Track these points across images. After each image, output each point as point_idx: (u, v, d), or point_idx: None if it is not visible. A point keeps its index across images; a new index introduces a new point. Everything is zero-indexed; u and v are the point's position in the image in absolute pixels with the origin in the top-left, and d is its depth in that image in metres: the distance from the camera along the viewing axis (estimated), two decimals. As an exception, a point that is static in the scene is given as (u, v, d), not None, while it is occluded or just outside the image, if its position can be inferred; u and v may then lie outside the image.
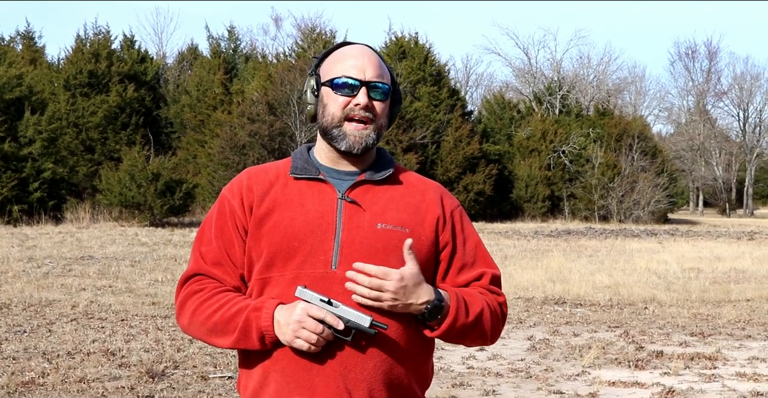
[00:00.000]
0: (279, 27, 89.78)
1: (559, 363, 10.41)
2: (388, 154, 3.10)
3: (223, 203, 3.01)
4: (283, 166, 3.05)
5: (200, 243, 3.01)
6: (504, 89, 69.76)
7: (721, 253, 26.83)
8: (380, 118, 2.95)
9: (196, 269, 2.97)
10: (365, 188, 2.96)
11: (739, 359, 10.85)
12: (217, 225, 2.98)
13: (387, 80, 2.96)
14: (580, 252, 27.13)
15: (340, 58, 2.97)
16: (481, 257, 3.07)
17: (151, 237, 29.15)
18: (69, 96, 44.77)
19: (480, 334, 2.96)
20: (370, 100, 2.91)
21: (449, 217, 3.03)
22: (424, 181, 3.10)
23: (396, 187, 3.01)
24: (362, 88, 2.90)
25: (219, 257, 2.96)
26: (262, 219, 2.92)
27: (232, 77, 51.93)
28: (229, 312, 2.83)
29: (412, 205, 2.99)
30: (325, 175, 2.97)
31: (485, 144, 51.60)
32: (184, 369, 9.63)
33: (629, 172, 52.23)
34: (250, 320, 2.79)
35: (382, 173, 2.99)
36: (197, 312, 2.89)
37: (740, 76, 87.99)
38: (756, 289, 17.64)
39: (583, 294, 16.67)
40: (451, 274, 3.01)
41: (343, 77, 2.92)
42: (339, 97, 2.92)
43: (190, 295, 2.93)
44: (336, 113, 2.92)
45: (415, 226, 2.94)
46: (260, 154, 40.22)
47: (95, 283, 16.78)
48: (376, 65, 2.94)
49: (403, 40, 51.92)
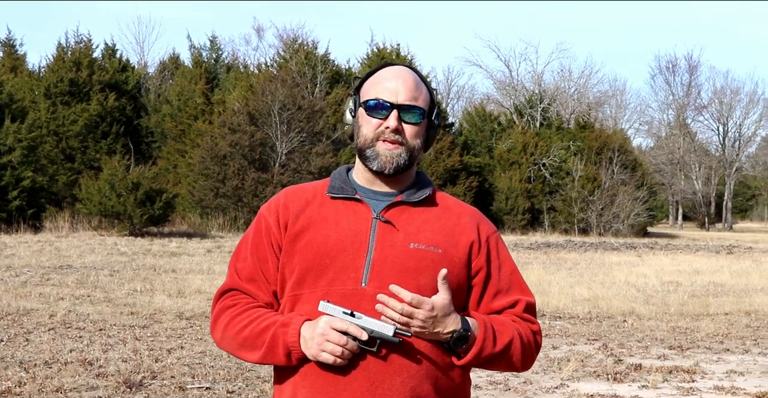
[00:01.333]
0: (261, 37, 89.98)
1: (538, 375, 10.42)
2: (427, 176, 3.12)
3: (260, 220, 3.06)
4: (321, 185, 3.08)
5: (236, 260, 3.06)
6: (485, 101, 69.79)
7: (699, 267, 26.92)
8: (412, 141, 2.96)
9: (230, 284, 3.03)
10: (401, 209, 2.98)
11: (717, 372, 10.88)
12: (253, 243, 3.03)
13: (422, 103, 2.98)
14: (560, 265, 27.17)
15: (377, 80, 3.00)
16: (517, 284, 3.07)
17: (131, 246, 29.03)
18: (49, 104, 44.56)
19: (508, 363, 2.96)
20: (399, 123, 2.93)
21: (485, 243, 3.04)
22: (460, 205, 3.12)
23: (432, 208, 3.03)
24: (393, 111, 2.93)
25: (253, 273, 3.00)
26: (297, 236, 2.96)
27: (214, 87, 51.81)
28: (258, 327, 2.86)
29: (447, 227, 3.00)
30: (362, 195, 3.00)
31: (466, 156, 51.63)
32: (162, 379, 9.59)
33: (609, 185, 52.35)
34: (278, 336, 2.82)
35: (418, 195, 3.01)
36: (229, 326, 2.93)
37: (720, 90, 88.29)
38: (734, 303, 17.70)
39: (563, 307, 16.69)
40: (485, 300, 3.01)
41: (375, 100, 2.95)
42: (372, 119, 2.96)
43: (223, 310, 2.98)
44: (368, 135, 2.96)
45: (448, 247, 2.95)
46: (241, 165, 40.16)
47: (73, 292, 16.70)
48: (411, 88, 2.96)
49: (385, 51, 51.95)
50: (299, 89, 43.96)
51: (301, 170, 39.83)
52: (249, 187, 39.68)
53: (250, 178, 39.79)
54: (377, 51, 52.22)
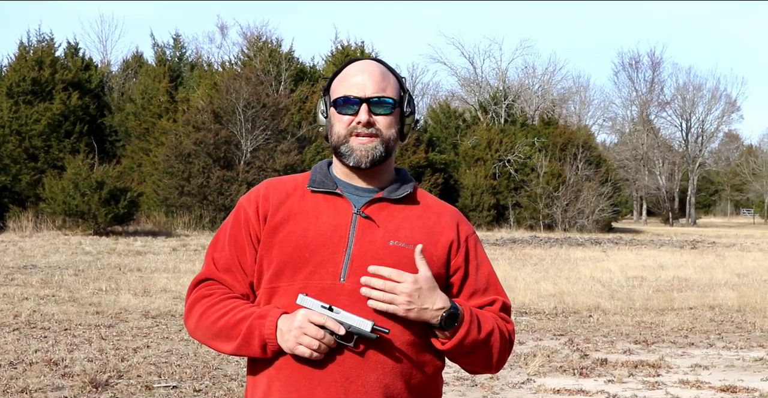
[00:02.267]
0: (225, 35, 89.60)
1: (504, 371, 10.44)
2: (409, 174, 3.12)
3: (239, 211, 3.04)
4: (302, 179, 3.07)
5: (214, 249, 3.04)
6: (450, 98, 69.86)
7: (664, 262, 27.11)
8: (387, 132, 2.96)
9: (207, 274, 3.01)
10: (382, 205, 2.98)
11: (682, 366, 10.96)
12: (231, 233, 3.02)
13: (391, 93, 2.97)
14: (525, 261, 27.27)
15: (344, 77, 3.00)
16: (493, 285, 3.07)
17: (95, 246, 28.89)
18: (12, 103, 44.19)
19: (487, 356, 2.95)
20: (371, 116, 2.93)
21: (464, 242, 3.04)
22: (441, 205, 3.12)
23: (413, 207, 3.03)
24: (363, 105, 2.93)
25: (230, 264, 2.99)
26: (276, 228, 2.95)
27: (178, 85, 51.57)
28: (234, 318, 2.85)
29: (427, 226, 3.00)
30: (343, 190, 2.99)
31: (431, 153, 51.75)
32: (128, 378, 9.55)
33: (574, 181, 52.60)
34: (254, 327, 2.80)
35: (399, 192, 3.01)
36: (204, 316, 2.91)
37: (683, 86, 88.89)
38: (698, 298, 17.83)
39: (529, 303, 16.75)
40: (461, 299, 2.99)
41: (343, 97, 2.95)
42: (343, 117, 2.95)
43: (199, 299, 2.96)
44: (341, 132, 2.95)
45: (427, 246, 2.94)
46: (206, 163, 40.03)
47: (38, 292, 16.61)
48: (378, 80, 2.96)
49: (350, 49, 51.96)
50: (264, 87, 43.87)
51: (266, 168, 39.72)
52: (214, 185, 39.55)
53: (215, 176, 39.66)
54: (341, 48, 52.23)
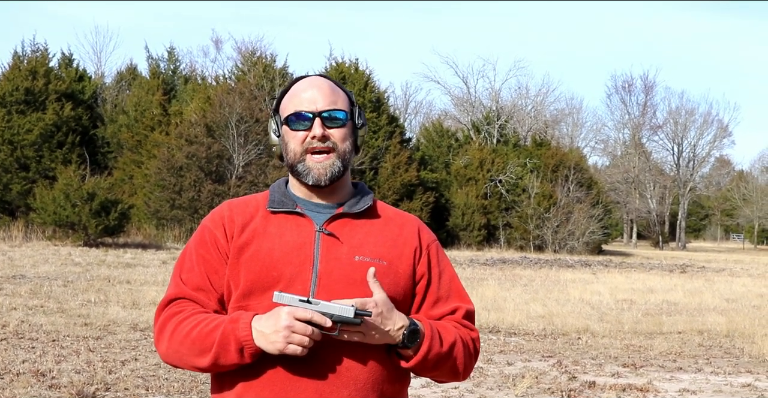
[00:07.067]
0: (219, 49, 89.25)
1: (493, 391, 10.44)
2: (366, 187, 3.12)
3: (203, 232, 3.01)
4: (263, 198, 3.06)
5: (181, 271, 2.99)
6: (442, 117, 70.02)
7: (653, 285, 27.12)
8: (342, 145, 2.95)
9: (177, 293, 2.95)
10: (343, 221, 2.97)
11: (670, 391, 10.95)
12: (199, 253, 2.98)
13: (342, 105, 2.97)
14: (515, 282, 27.26)
15: (293, 94, 3.00)
16: (456, 291, 3.08)
17: (85, 257, 28.83)
18: (4, 113, 44.16)
19: (452, 367, 2.95)
20: (325, 130, 2.92)
21: (425, 250, 3.05)
22: (401, 215, 3.12)
23: (374, 220, 3.03)
24: (316, 120, 2.92)
25: (200, 283, 2.94)
26: (242, 249, 2.93)
27: (171, 98, 51.60)
28: (207, 327, 2.79)
29: (390, 239, 3.00)
30: (303, 208, 2.98)
31: (423, 171, 51.77)
32: (115, 391, 9.52)
33: (565, 203, 52.63)
34: (227, 332, 2.75)
35: (359, 206, 3.00)
36: (176, 332, 2.85)
37: (675, 110, 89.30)
38: (687, 322, 17.84)
39: (518, 324, 16.74)
40: (425, 307, 3.01)
41: (296, 113, 2.94)
42: (297, 133, 2.95)
43: (170, 317, 2.89)
44: (297, 149, 2.95)
45: (393, 259, 2.96)
46: (197, 176, 40.03)
47: (26, 303, 16.56)
48: (328, 93, 2.96)
49: (344, 65, 51.99)
50: (257, 102, 43.89)
51: (258, 182, 39.74)
52: (205, 199, 39.54)
53: (206, 189, 39.66)
54: (336, 65, 52.24)
